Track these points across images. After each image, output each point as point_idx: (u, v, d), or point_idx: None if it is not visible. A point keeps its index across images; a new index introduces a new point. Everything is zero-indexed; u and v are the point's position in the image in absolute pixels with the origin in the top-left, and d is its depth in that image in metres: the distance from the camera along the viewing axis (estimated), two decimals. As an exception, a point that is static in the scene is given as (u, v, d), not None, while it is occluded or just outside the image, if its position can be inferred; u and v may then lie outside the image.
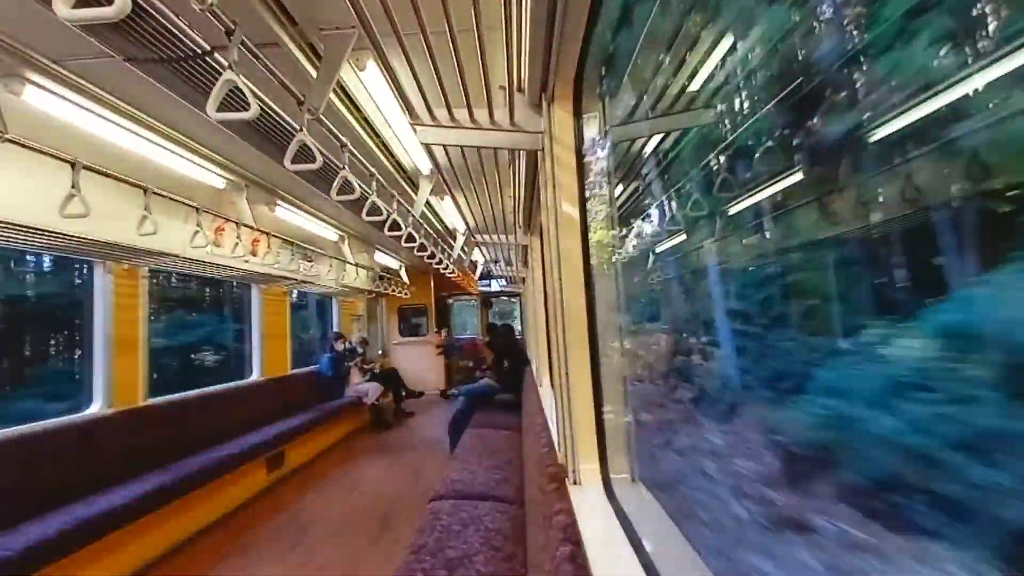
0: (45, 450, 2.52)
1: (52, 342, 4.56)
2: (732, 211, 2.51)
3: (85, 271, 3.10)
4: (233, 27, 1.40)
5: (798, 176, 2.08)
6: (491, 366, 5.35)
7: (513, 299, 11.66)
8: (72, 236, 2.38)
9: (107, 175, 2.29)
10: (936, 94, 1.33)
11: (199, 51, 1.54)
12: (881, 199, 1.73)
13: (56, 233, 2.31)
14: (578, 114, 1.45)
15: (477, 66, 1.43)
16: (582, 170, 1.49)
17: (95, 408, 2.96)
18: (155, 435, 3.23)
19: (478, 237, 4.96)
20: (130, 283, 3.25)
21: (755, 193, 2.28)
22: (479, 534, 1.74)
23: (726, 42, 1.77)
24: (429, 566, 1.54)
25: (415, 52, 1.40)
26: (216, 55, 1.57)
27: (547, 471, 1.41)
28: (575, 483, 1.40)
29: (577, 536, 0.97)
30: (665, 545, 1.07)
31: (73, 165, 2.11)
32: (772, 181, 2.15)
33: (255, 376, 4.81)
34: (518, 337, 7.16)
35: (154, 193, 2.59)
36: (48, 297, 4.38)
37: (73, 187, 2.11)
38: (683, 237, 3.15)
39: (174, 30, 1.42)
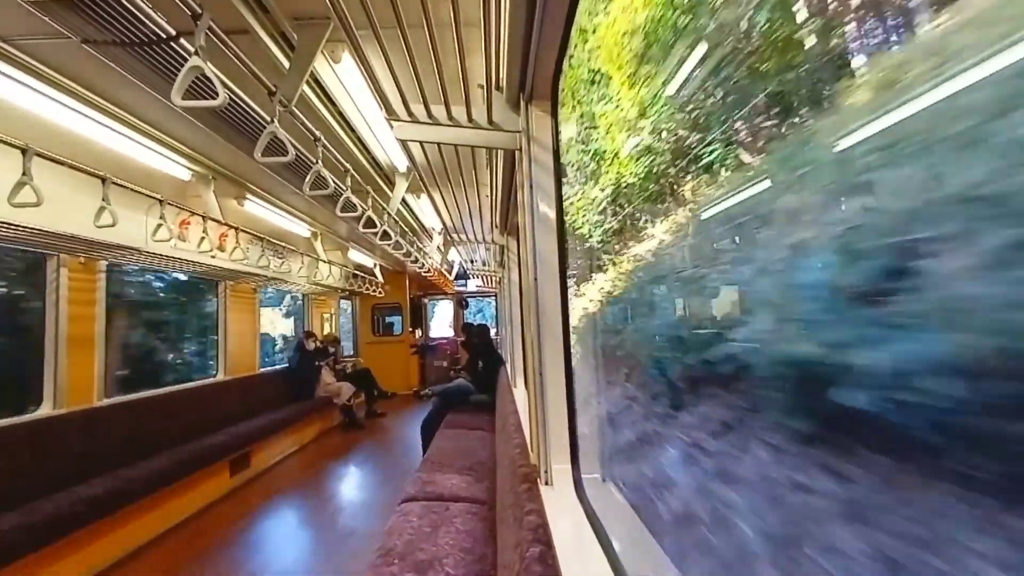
0: None
1: None
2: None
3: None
4: (200, 11, 1.35)
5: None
6: (466, 366, 5.32)
7: (489, 298, 11.64)
8: (22, 227, 2.25)
9: (62, 163, 2.16)
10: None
11: (163, 35, 1.48)
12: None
13: (4, 223, 2.18)
14: (555, 114, 1.45)
15: (455, 63, 1.42)
16: (559, 171, 1.49)
17: (44, 409, 2.80)
18: (111, 437, 3.08)
19: (454, 236, 4.92)
20: (87, 278, 3.10)
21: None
22: (449, 536, 1.72)
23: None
24: (398, 569, 1.51)
25: (392, 46, 1.37)
26: (182, 40, 1.51)
27: (519, 472, 1.40)
28: (547, 483, 1.40)
29: (547, 536, 0.96)
30: (633, 544, 1.07)
31: (24, 151, 1.98)
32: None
33: (220, 375, 4.65)
34: (494, 337, 7.14)
35: (113, 183, 2.47)
36: None
37: (24, 174, 1.99)
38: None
39: (136, 12, 1.35)
